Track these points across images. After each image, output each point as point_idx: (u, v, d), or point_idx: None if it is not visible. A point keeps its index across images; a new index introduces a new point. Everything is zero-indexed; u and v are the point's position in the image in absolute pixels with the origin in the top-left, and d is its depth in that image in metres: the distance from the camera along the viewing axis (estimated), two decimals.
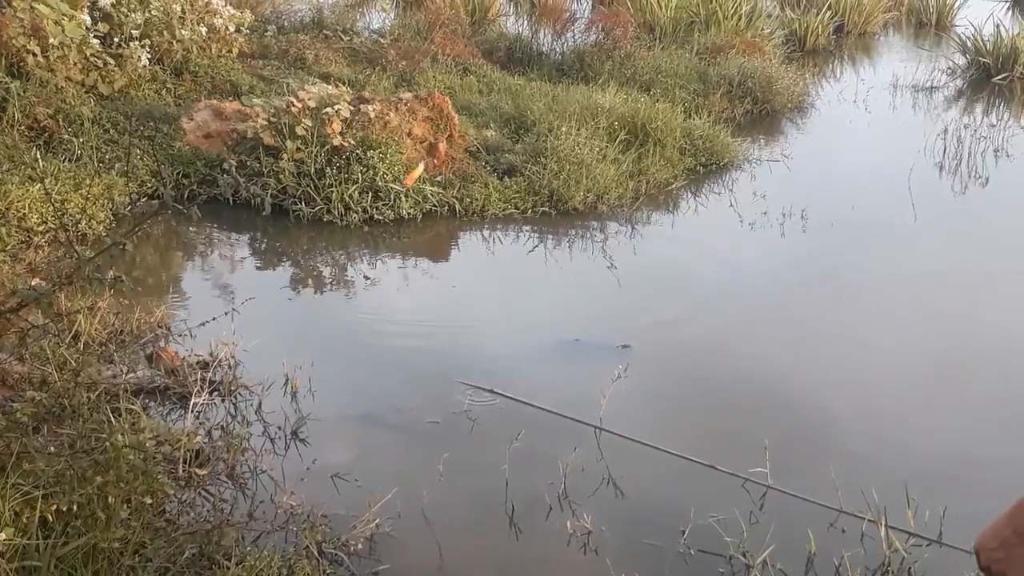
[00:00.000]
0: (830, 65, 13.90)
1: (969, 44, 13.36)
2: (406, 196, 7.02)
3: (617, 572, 3.47)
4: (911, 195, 7.93)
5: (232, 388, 4.58)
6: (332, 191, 6.93)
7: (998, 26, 13.41)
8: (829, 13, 15.45)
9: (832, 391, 4.83)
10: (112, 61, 8.37)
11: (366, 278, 6.13)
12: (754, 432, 4.32)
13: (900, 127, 10.44)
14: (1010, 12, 18.10)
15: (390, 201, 6.99)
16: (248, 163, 7.16)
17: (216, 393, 4.53)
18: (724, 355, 5.24)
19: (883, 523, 3.65)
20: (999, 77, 12.53)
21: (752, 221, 7.25)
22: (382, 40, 11.62)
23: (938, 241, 7.05)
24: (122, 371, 4.53)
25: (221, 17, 9.65)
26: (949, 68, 13.17)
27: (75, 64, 8.07)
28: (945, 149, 9.24)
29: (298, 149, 7.04)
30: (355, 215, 6.87)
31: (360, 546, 3.54)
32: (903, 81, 12.40)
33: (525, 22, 14.56)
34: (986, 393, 4.84)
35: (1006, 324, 5.65)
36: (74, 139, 7.37)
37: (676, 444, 4.23)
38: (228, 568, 3.21)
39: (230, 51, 9.89)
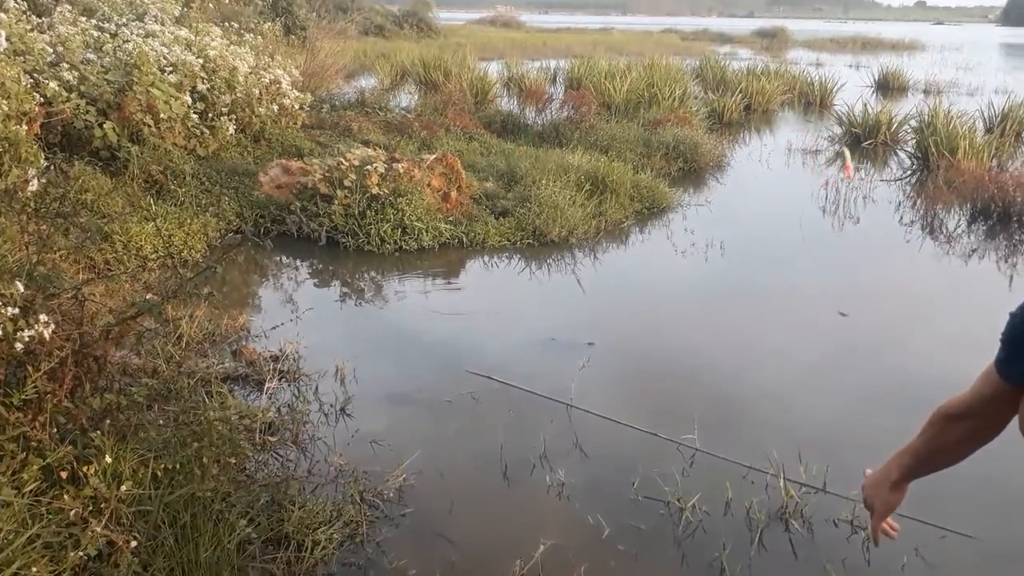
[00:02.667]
0: (741, 134, 13.95)
1: (844, 118, 13.43)
2: (426, 232, 7.03)
3: (583, 514, 3.47)
4: (801, 231, 7.96)
5: (296, 376, 4.58)
6: (371, 228, 6.94)
7: (866, 105, 13.49)
8: (740, 95, 15.55)
9: (745, 376, 4.83)
10: (207, 131, 8.40)
11: (396, 293, 6.12)
12: (686, 408, 4.32)
13: (793, 180, 10.48)
14: (874, 95, 18.20)
15: (415, 235, 7.00)
16: (308, 207, 7.17)
17: (284, 379, 4.52)
18: (664, 349, 5.24)
19: (782, 476, 3.65)
20: (866, 142, 12.59)
21: (684, 250, 7.26)
22: (408, 114, 11.67)
23: (822, 265, 7.07)
24: (213, 363, 4.52)
25: (288, 98, 9.70)
26: (829, 136, 13.23)
27: (179, 133, 8.09)
28: (827, 196, 9.27)
29: (346, 196, 7.05)
30: (388, 246, 6.89)
31: (391, 495, 3.53)
32: (795, 145, 12.44)
33: (515, 102, 14.60)
34: (860, 378, 4.85)
35: (874, 326, 5.66)
36: (178, 189, 7.38)
37: (628, 417, 4.23)
38: (293, 511, 3.20)
39: (295, 123, 9.93)
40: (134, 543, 2.70)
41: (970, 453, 1.90)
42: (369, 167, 7.14)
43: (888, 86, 20.57)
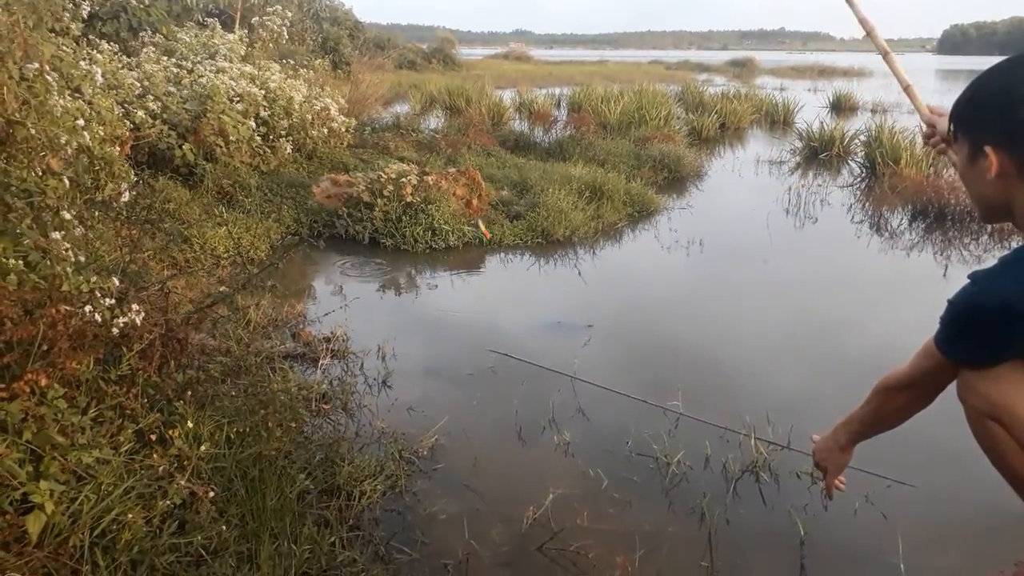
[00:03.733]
0: (717, 148, 13.86)
1: (804, 134, 13.32)
2: (452, 233, 7.03)
3: (585, 468, 3.47)
4: (768, 229, 7.91)
5: (345, 354, 4.59)
6: (406, 230, 6.95)
7: (822, 122, 13.37)
8: (716, 115, 15.45)
9: (722, 353, 4.81)
10: (269, 150, 8.43)
11: (428, 284, 6.13)
12: (672, 379, 4.31)
13: (761, 187, 10.40)
14: (830, 114, 18.03)
15: (442, 236, 7.00)
16: (353, 213, 7.18)
17: (335, 357, 4.53)
18: (653, 330, 5.22)
19: (753, 436, 3.63)
20: (823, 154, 12.49)
21: (669, 246, 7.22)
22: (436, 135, 11.65)
23: (786, 259, 7.02)
24: (276, 344, 4.54)
25: (336, 122, 9.71)
26: (791, 149, 13.13)
27: (246, 152, 8.13)
28: (790, 200, 9.21)
29: (384, 204, 7.06)
30: (420, 245, 6.90)
31: (425, 453, 3.54)
32: (763, 158, 12.36)
33: (526, 123, 14.56)
34: (818, 354, 4.82)
35: (832, 311, 5.62)
36: (245, 199, 7.41)
37: (622, 387, 4.22)
38: (343, 467, 3.22)
39: (342, 143, 9.94)
40: (212, 494, 2.72)
41: (910, 417, 1.89)
42: (404, 179, 7.14)
43: (841, 107, 20.38)
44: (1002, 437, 1.65)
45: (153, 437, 2.83)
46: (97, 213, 4.21)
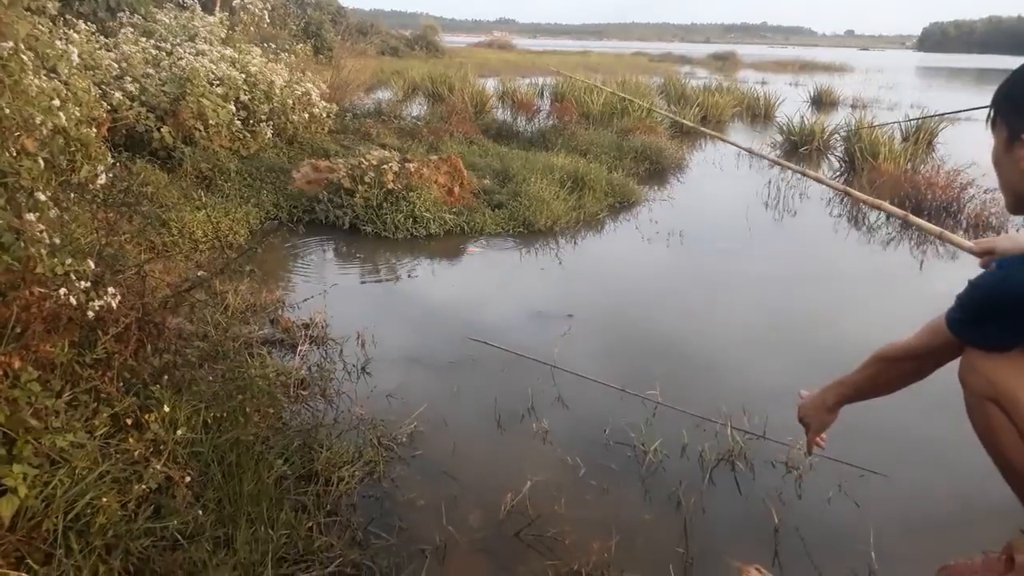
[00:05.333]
0: (698, 141, 13.90)
1: (784, 128, 13.39)
2: (433, 221, 7.00)
3: (564, 456, 3.49)
4: (748, 222, 7.96)
5: (323, 340, 4.57)
6: (387, 217, 6.92)
7: (802, 117, 13.45)
8: (698, 108, 15.50)
9: (700, 343, 4.84)
10: (249, 135, 8.34)
11: (408, 272, 6.11)
12: (650, 368, 4.34)
13: (741, 179, 10.47)
14: (810, 108, 18.15)
15: (423, 224, 6.98)
16: (333, 199, 7.14)
17: (314, 343, 4.51)
18: (633, 320, 5.25)
19: (729, 425, 3.67)
20: (802, 148, 12.57)
21: (649, 238, 7.25)
22: (418, 122, 11.60)
23: (765, 251, 7.07)
24: (254, 329, 4.52)
25: (317, 108, 9.64)
26: (772, 142, 13.20)
27: (225, 136, 8.04)
28: (769, 193, 9.27)
29: (365, 190, 7.02)
30: (401, 232, 6.87)
31: (404, 439, 3.54)
32: (742, 150, 12.41)
33: (508, 112, 14.52)
34: (795, 346, 4.87)
35: (809, 304, 5.67)
36: (224, 184, 7.35)
37: (601, 376, 4.24)
38: (321, 453, 3.21)
39: (323, 129, 9.87)
40: (188, 478, 2.70)
41: (901, 388, 1.93)
42: (385, 166, 7.11)
43: (822, 101, 20.49)
44: (999, 422, 1.68)
45: (129, 421, 2.80)
46: (73, 195, 4.15)
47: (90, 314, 2.92)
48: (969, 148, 10.50)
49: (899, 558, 2.87)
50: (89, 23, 8.85)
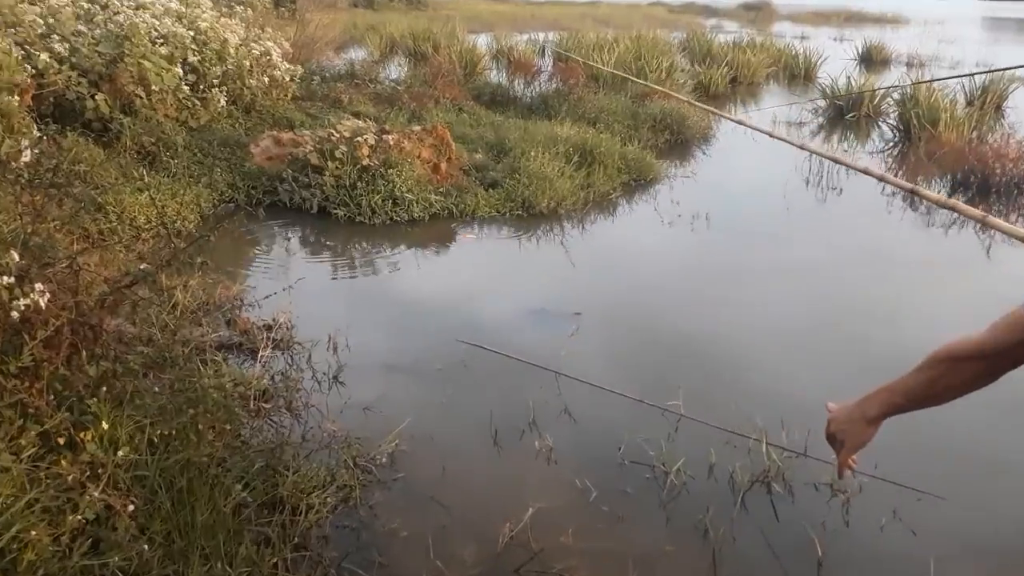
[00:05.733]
0: (727, 106, 13.90)
1: (828, 91, 13.39)
2: (416, 203, 7.00)
3: (571, 478, 3.49)
4: (786, 201, 7.97)
5: (289, 344, 4.57)
6: (362, 199, 6.92)
7: (849, 78, 13.44)
8: (726, 67, 15.48)
9: (729, 345, 4.85)
10: (199, 103, 8.32)
11: (388, 264, 6.11)
12: (672, 375, 4.35)
13: (777, 152, 10.45)
14: (858, 67, 18.14)
15: (405, 206, 6.98)
16: (299, 178, 7.14)
17: (277, 348, 4.52)
18: (651, 319, 5.25)
19: (764, 441, 3.68)
20: (849, 115, 12.57)
21: (670, 221, 7.26)
22: (398, 87, 11.58)
23: (806, 235, 7.08)
24: (208, 332, 4.51)
25: (279, 70, 9.61)
26: (813, 108, 13.20)
27: (171, 105, 8.02)
28: (810, 168, 9.27)
29: (336, 167, 7.01)
30: (379, 217, 6.87)
31: (384, 460, 3.55)
32: (780, 118, 12.40)
33: (503, 74, 14.50)
34: (843, 348, 4.88)
35: (859, 299, 5.69)
36: (171, 160, 7.33)
37: (614, 384, 4.25)
38: (287, 476, 3.21)
39: (286, 95, 9.84)
40: (131, 507, 2.70)
41: (964, 394, 1.92)
42: (359, 138, 7.09)
43: (871, 59, 20.49)
44: None
45: (61, 440, 2.80)
46: None
47: (14, 315, 2.91)
48: None
49: None
50: None
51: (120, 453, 2.86)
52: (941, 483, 3.45)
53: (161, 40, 8.24)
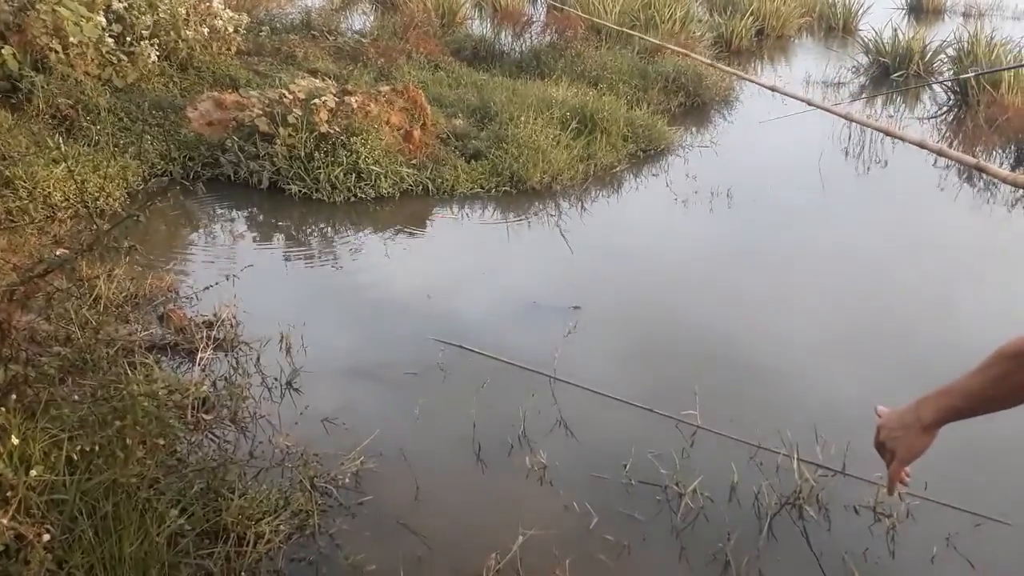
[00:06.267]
0: (752, 64, 13.90)
1: (871, 46, 13.40)
2: (385, 177, 6.99)
3: (568, 501, 3.50)
4: (821, 176, 7.99)
5: (234, 344, 4.56)
6: (320, 172, 6.90)
7: (895, 30, 13.46)
8: (751, 18, 15.46)
9: (753, 344, 4.87)
10: (125, 58, 8.26)
11: (351, 249, 6.10)
12: (687, 379, 4.35)
13: (811, 116, 10.46)
14: (906, 18, 18.19)
15: (371, 181, 6.96)
16: (246, 147, 7.11)
17: (220, 349, 4.51)
18: (661, 314, 5.26)
19: (795, 457, 3.69)
20: (896, 74, 12.58)
21: (685, 199, 7.26)
22: (363, 39, 11.52)
23: (845, 216, 7.10)
24: (137, 330, 4.50)
25: (221, 19, 9.55)
26: (854, 67, 13.22)
27: (92, 60, 7.96)
28: (850, 136, 9.29)
29: (290, 135, 6.99)
30: (340, 193, 6.86)
31: (347, 480, 3.54)
32: (814, 78, 12.43)
33: (488, 24, 14.45)
34: (889, 347, 4.90)
35: (905, 290, 5.70)
36: (92, 127, 7.29)
37: (619, 391, 4.26)
38: (232, 500, 3.21)
39: (229, 49, 9.78)
40: (47, 536, 2.69)
41: None
42: (317, 101, 7.07)
43: (921, 8, 20.50)
44: None
45: None
46: None
47: None
48: None
49: None
50: None
51: (33, 473, 2.85)
52: (1004, 507, 3.48)
53: None
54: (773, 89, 2.75)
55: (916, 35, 13.19)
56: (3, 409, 3.00)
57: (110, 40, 8.12)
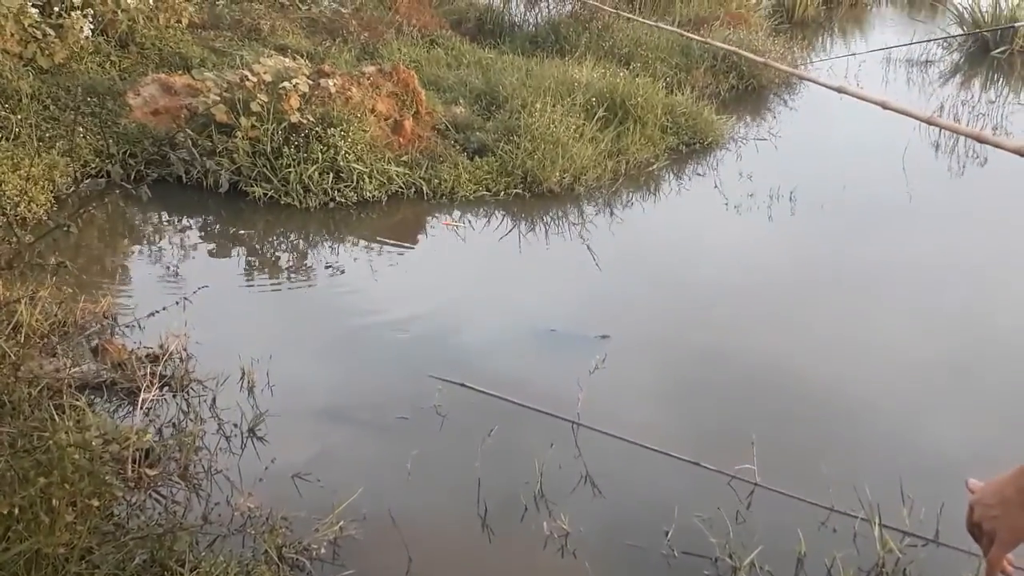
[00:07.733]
0: (820, 38, 13.94)
1: (966, 15, 13.40)
2: (369, 177, 7.00)
3: (594, 574, 3.49)
4: (906, 175, 7.97)
5: (184, 383, 4.56)
6: (290, 171, 6.91)
7: None
8: None
9: (823, 383, 4.85)
10: (52, 32, 8.30)
11: (328, 266, 6.12)
12: (741, 426, 4.34)
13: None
14: None
15: (352, 182, 6.97)
16: (200, 141, 7.12)
17: (167, 388, 4.50)
18: (709, 346, 5.25)
19: (877, 522, 3.68)
20: (998, 51, 12.58)
21: (738, 203, 7.27)
22: (343, 9, 11.56)
23: (936, 224, 7.09)
24: (65, 365, 4.49)
25: None
26: (945, 41, 13.22)
27: (12, 35, 8.00)
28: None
29: (253, 126, 7.01)
30: (315, 197, 6.86)
31: (323, 550, 3.53)
32: (897, 55, 12.43)
33: None
34: (992, 389, 4.87)
35: (1012, 315, 5.67)
36: (11, 116, 7.31)
37: (658, 440, 4.24)
38: (182, 575, 3.20)
39: (179, 21, 9.81)
40: None
41: None
42: (286, 84, 7.10)
43: None
44: None
45: None
46: None
47: None
48: None
49: None
50: None
51: None
52: None
53: None
54: (840, 91, 2.73)
55: (1022, 2, 13.20)
56: None
57: (34, 11, 8.17)
